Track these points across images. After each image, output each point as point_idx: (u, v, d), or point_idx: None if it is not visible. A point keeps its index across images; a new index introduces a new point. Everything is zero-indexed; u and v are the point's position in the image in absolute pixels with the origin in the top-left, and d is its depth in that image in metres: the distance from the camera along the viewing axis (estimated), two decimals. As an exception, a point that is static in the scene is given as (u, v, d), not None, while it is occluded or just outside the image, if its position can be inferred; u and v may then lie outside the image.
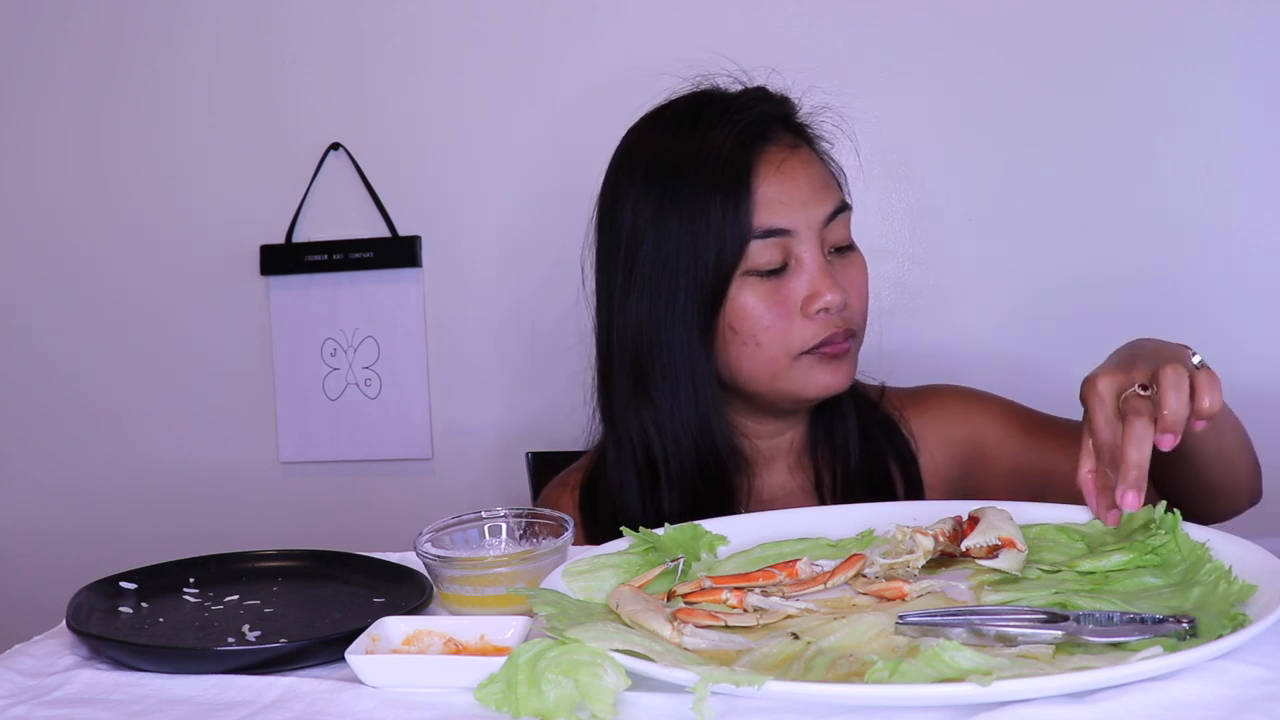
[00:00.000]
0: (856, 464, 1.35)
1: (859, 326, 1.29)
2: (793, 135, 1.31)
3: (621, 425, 1.30)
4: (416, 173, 1.86)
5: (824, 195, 1.27)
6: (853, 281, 1.28)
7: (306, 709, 0.74)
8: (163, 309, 1.96)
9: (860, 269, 1.30)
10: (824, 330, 1.25)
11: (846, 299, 1.26)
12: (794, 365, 1.26)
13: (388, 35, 1.86)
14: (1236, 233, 1.64)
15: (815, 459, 1.36)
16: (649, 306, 1.27)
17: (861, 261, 1.31)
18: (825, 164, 1.32)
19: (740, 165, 1.24)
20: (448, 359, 1.88)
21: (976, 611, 0.76)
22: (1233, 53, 1.63)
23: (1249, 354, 1.64)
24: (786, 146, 1.28)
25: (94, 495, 1.99)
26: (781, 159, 1.26)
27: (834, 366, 1.27)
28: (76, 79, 1.96)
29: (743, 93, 1.33)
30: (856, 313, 1.29)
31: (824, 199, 1.27)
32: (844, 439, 1.36)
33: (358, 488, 1.92)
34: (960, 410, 1.41)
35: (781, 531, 0.98)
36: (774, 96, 1.34)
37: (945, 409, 1.41)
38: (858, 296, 1.29)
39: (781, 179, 1.25)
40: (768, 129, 1.28)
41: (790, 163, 1.26)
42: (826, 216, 1.26)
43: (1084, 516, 0.94)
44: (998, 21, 1.68)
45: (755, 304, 1.25)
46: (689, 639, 0.76)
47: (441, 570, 0.90)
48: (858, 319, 1.29)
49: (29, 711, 0.76)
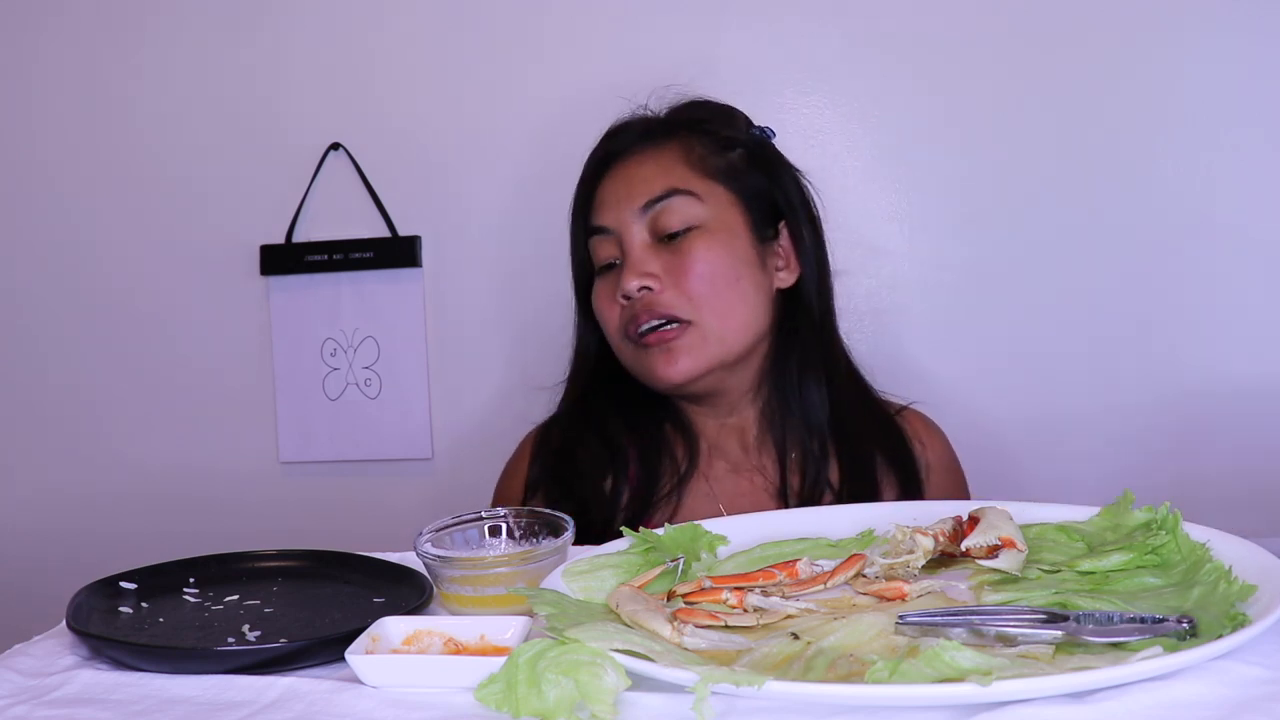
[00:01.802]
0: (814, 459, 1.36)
1: (688, 313, 1.31)
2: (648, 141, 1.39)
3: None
4: (416, 173, 1.86)
5: (642, 187, 1.35)
6: (676, 266, 1.31)
7: (306, 709, 0.74)
8: (162, 309, 1.95)
9: (689, 253, 1.32)
10: (629, 315, 1.33)
11: (658, 284, 1.31)
12: (634, 354, 1.35)
13: (388, 35, 1.86)
14: (1237, 233, 1.64)
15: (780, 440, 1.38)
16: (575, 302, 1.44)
17: (695, 244, 1.32)
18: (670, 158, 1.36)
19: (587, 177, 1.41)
20: (448, 359, 1.87)
21: (976, 611, 0.76)
22: (1233, 52, 1.63)
23: (1249, 354, 1.64)
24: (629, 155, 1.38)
25: (93, 495, 1.99)
26: (619, 166, 1.38)
27: (660, 355, 1.31)
28: (75, 79, 1.96)
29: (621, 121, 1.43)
30: (680, 297, 1.31)
31: (640, 191, 1.34)
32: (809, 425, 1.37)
33: (358, 488, 1.92)
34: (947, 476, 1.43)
35: (781, 531, 0.98)
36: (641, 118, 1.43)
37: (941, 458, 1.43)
38: (681, 280, 1.31)
39: (609, 182, 1.38)
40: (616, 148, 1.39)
41: (622, 168, 1.38)
42: (641, 206, 1.33)
43: (1084, 516, 0.94)
44: (998, 21, 1.68)
45: (596, 298, 1.39)
46: (689, 639, 0.76)
47: (441, 570, 0.90)
48: (682, 304, 1.31)
49: (29, 711, 0.76)
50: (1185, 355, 1.66)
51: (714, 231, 1.33)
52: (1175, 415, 1.66)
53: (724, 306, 1.32)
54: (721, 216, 1.35)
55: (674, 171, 1.35)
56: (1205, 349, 1.66)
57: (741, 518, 1.03)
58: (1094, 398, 1.68)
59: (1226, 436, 1.64)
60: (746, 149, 1.40)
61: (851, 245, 1.70)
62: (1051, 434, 1.69)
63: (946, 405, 1.58)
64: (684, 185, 1.34)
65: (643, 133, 1.40)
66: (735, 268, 1.34)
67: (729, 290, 1.33)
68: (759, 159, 1.41)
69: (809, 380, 1.37)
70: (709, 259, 1.32)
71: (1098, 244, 1.67)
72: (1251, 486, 1.60)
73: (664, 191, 1.33)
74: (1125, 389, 1.67)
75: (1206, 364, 1.65)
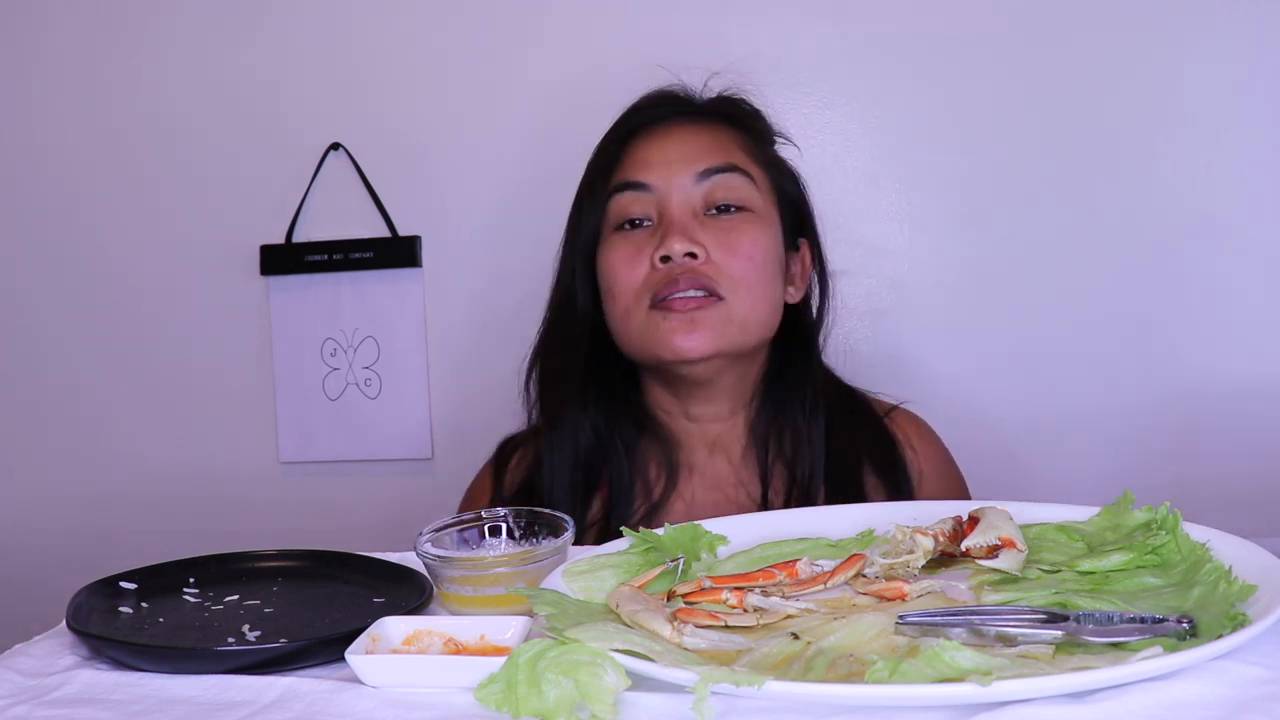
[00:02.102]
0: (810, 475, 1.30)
1: (724, 289, 1.26)
2: (695, 115, 1.34)
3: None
4: (416, 173, 1.86)
5: (701, 155, 1.30)
6: (724, 241, 1.27)
7: (306, 709, 0.74)
8: (163, 309, 1.95)
9: (740, 231, 1.28)
10: (665, 279, 1.26)
11: (704, 253, 1.26)
12: (648, 320, 1.27)
13: (388, 35, 1.86)
14: (1237, 233, 1.64)
15: (764, 457, 1.33)
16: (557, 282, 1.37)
17: (747, 226, 1.29)
18: (726, 137, 1.33)
19: (619, 138, 1.34)
20: (448, 359, 1.87)
21: (976, 611, 0.76)
22: (1233, 53, 1.62)
23: (1249, 354, 1.64)
24: (677, 122, 1.33)
25: (93, 495, 1.99)
26: (663, 130, 1.32)
27: (681, 325, 1.25)
28: (75, 79, 1.96)
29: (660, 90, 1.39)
30: (721, 272, 1.26)
31: (699, 158, 1.30)
32: (797, 442, 1.31)
33: (358, 488, 1.92)
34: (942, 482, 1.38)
35: (781, 531, 0.98)
36: (676, 89, 1.39)
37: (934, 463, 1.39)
38: (726, 256, 1.27)
39: (651, 141, 1.32)
40: (660, 111, 1.34)
41: (668, 130, 1.32)
42: (699, 172, 1.29)
43: (1084, 516, 0.94)
44: (998, 21, 1.68)
45: (611, 254, 1.31)
46: (689, 639, 0.76)
47: (441, 570, 0.90)
48: (722, 279, 1.26)
49: (29, 711, 0.76)
50: (1185, 355, 1.66)
51: (763, 220, 1.31)
52: (1175, 415, 1.66)
53: (757, 294, 1.29)
54: (768, 211, 1.33)
55: (734, 149, 1.32)
56: (1205, 349, 1.66)
57: (741, 518, 1.02)
58: (1094, 397, 1.68)
59: (1226, 436, 1.64)
60: (778, 157, 1.40)
61: (851, 245, 1.70)
62: (1051, 434, 1.69)
63: (946, 405, 1.58)
64: (745, 166, 1.31)
65: (690, 106, 1.37)
66: (771, 263, 1.31)
67: (765, 281, 1.30)
68: (789, 171, 1.41)
69: (801, 398, 1.33)
70: (755, 245, 1.29)
71: (1098, 244, 1.67)
72: (1251, 486, 1.60)
73: (726, 164, 1.30)
74: (1125, 389, 1.67)
75: (1206, 364, 1.65)
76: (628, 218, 1.30)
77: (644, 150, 1.32)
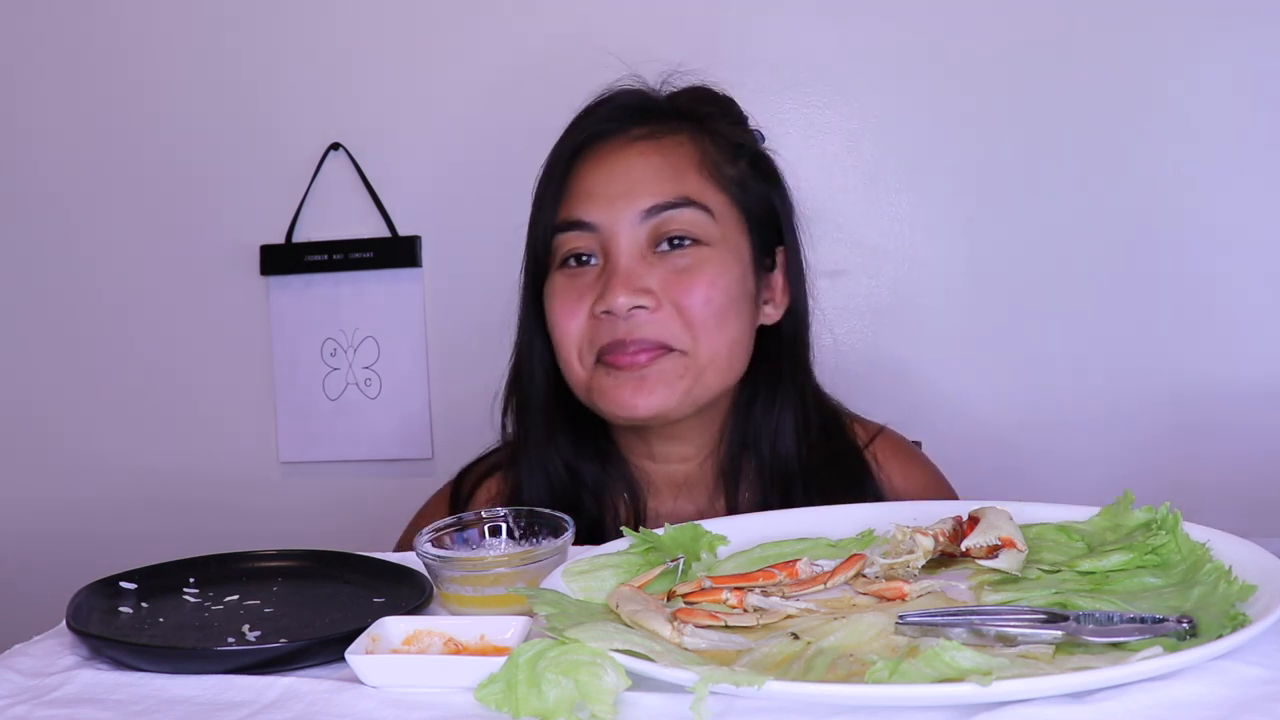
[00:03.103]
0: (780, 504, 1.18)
1: (678, 341, 1.13)
2: (650, 126, 1.19)
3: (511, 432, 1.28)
4: (416, 173, 1.86)
5: (648, 186, 1.15)
6: (677, 284, 1.13)
7: (306, 709, 0.74)
8: (163, 309, 1.96)
9: (695, 271, 1.14)
10: (609, 336, 1.13)
11: (653, 301, 1.12)
12: (593, 375, 1.15)
13: (387, 35, 1.86)
14: (1237, 233, 1.64)
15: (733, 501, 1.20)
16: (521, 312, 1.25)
17: (703, 264, 1.14)
18: (682, 155, 1.17)
19: (566, 155, 1.20)
20: (448, 359, 1.87)
21: (976, 611, 0.76)
22: (1234, 54, 1.63)
23: (1249, 354, 1.64)
24: (629, 139, 1.18)
25: (93, 495, 1.99)
26: (610, 152, 1.18)
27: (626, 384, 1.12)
28: (75, 79, 1.96)
29: (613, 92, 1.25)
30: (674, 320, 1.13)
31: (647, 192, 1.14)
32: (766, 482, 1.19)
33: (358, 488, 1.92)
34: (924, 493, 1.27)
35: (781, 531, 0.98)
36: (637, 91, 1.24)
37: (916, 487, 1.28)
38: (680, 300, 1.13)
39: (598, 167, 1.18)
40: (610, 125, 1.20)
41: (619, 155, 1.18)
42: (645, 210, 1.14)
43: (1084, 516, 0.94)
44: (999, 22, 1.68)
45: (552, 298, 1.18)
46: (689, 639, 0.76)
47: (441, 570, 0.90)
48: (674, 330, 1.13)
49: (29, 711, 0.76)
50: (1185, 355, 1.66)
51: (723, 254, 1.16)
52: (1175, 415, 1.66)
53: (717, 340, 1.14)
54: (730, 240, 1.18)
55: (687, 176, 1.17)
56: (1205, 349, 1.66)
57: (741, 518, 1.02)
58: (1094, 397, 1.68)
59: (1226, 436, 1.64)
60: (751, 155, 1.23)
61: (851, 245, 1.71)
62: (1051, 433, 1.69)
63: (946, 405, 1.58)
64: (698, 196, 1.16)
65: (642, 111, 1.21)
66: (737, 300, 1.17)
67: (728, 324, 1.15)
68: (762, 168, 1.24)
69: (785, 426, 1.21)
70: (715, 285, 1.14)
71: (1098, 244, 1.67)
72: (1251, 486, 1.60)
73: (675, 199, 1.15)
74: (1126, 389, 1.67)
75: (1206, 364, 1.65)
76: (572, 253, 1.18)
77: (589, 179, 1.18)
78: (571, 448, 1.22)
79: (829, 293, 1.66)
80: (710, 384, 1.17)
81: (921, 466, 1.32)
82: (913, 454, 1.33)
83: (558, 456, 1.22)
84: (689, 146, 1.19)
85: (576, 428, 1.23)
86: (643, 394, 1.12)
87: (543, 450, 1.22)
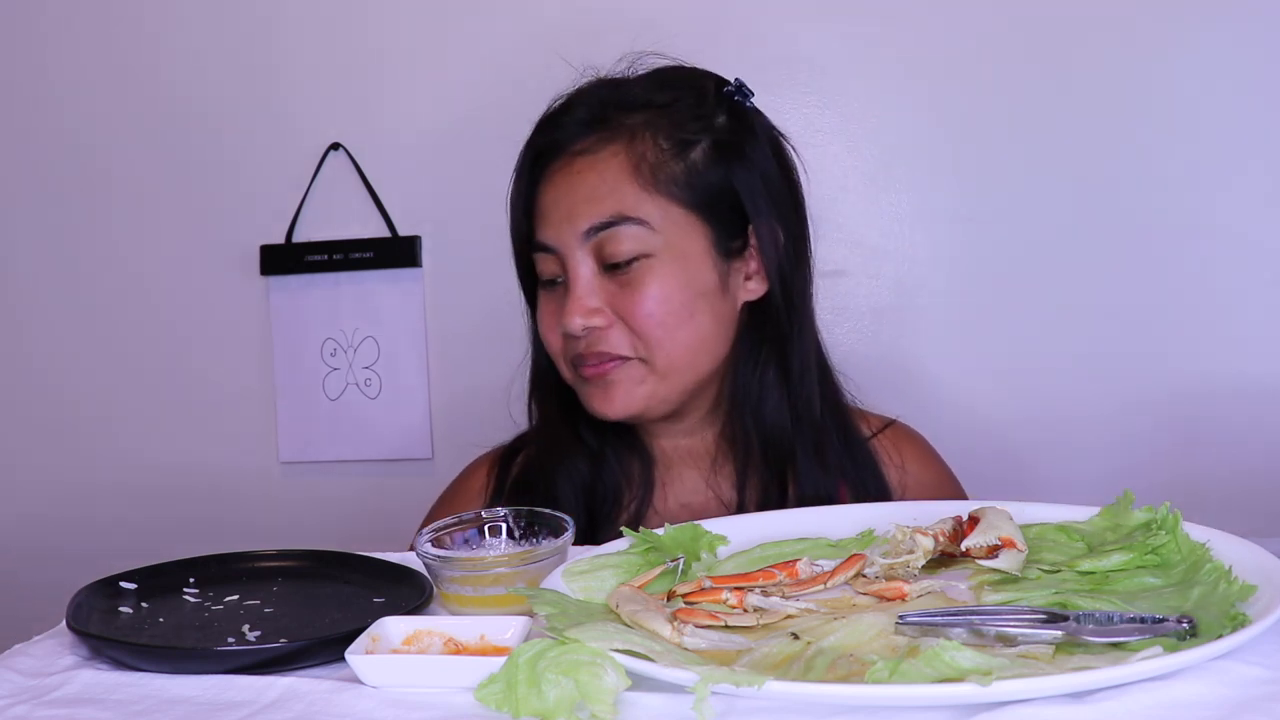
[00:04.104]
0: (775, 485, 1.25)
1: (634, 349, 1.21)
2: (591, 138, 1.23)
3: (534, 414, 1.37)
4: (416, 173, 1.86)
5: (585, 208, 1.20)
6: (626, 301, 1.20)
7: (306, 709, 0.74)
8: (162, 309, 1.95)
9: (640, 284, 1.19)
10: (573, 350, 1.23)
11: (606, 318, 1.20)
12: (575, 381, 1.26)
13: (387, 35, 1.86)
14: (1237, 233, 1.64)
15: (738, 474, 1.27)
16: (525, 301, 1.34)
17: (648, 275, 1.20)
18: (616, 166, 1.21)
19: (526, 174, 1.28)
20: (448, 359, 1.87)
21: (976, 611, 0.76)
22: (1234, 53, 1.62)
23: (1250, 354, 1.64)
24: (570, 155, 1.23)
25: (93, 495, 1.98)
26: (555, 172, 1.24)
27: (598, 391, 1.22)
28: (75, 79, 1.96)
29: (564, 98, 1.29)
30: (628, 333, 1.20)
31: (584, 214, 1.20)
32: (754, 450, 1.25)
33: (358, 488, 1.92)
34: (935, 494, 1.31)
35: (781, 531, 0.98)
36: (585, 96, 1.27)
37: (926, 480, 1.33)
38: (630, 314, 1.20)
39: (548, 192, 1.24)
40: (555, 141, 1.25)
41: (561, 175, 1.23)
42: (584, 231, 1.20)
43: (1084, 516, 0.94)
44: (999, 22, 1.68)
45: (541, 315, 1.29)
46: (689, 639, 0.76)
47: (441, 570, 0.90)
48: (629, 341, 1.20)
49: (29, 711, 0.76)
50: (1185, 355, 1.66)
51: (666, 261, 1.20)
52: (1175, 415, 1.66)
53: (675, 340, 1.21)
54: (676, 243, 1.21)
55: (620, 191, 1.20)
56: (1205, 349, 1.66)
57: (741, 517, 1.03)
58: (1094, 397, 1.68)
59: (1226, 436, 1.64)
60: (713, 136, 1.23)
61: (851, 245, 1.71)
62: (1051, 433, 1.69)
63: (946, 404, 1.58)
64: (632, 211, 1.19)
65: (586, 121, 1.24)
66: (690, 301, 1.21)
67: (682, 327, 1.21)
68: (727, 147, 1.24)
69: (770, 397, 1.25)
70: (660, 295, 1.19)
71: (1098, 243, 1.67)
72: (1251, 486, 1.60)
73: (610, 218, 1.19)
74: (1126, 388, 1.67)
75: (1206, 364, 1.65)
76: (547, 277, 1.26)
77: (542, 197, 1.25)
78: (595, 432, 1.30)
79: (829, 293, 1.67)
80: (678, 383, 1.24)
81: (933, 460, 1.36)
82: (926, 446, 1.37)
83: (581, 440, 1.30)
84: (625, 155, 1.21)
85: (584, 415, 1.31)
86: (610, 400, 1.22)
87: (565, 433, 1.30)
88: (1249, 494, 1.59)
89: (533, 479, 1.32)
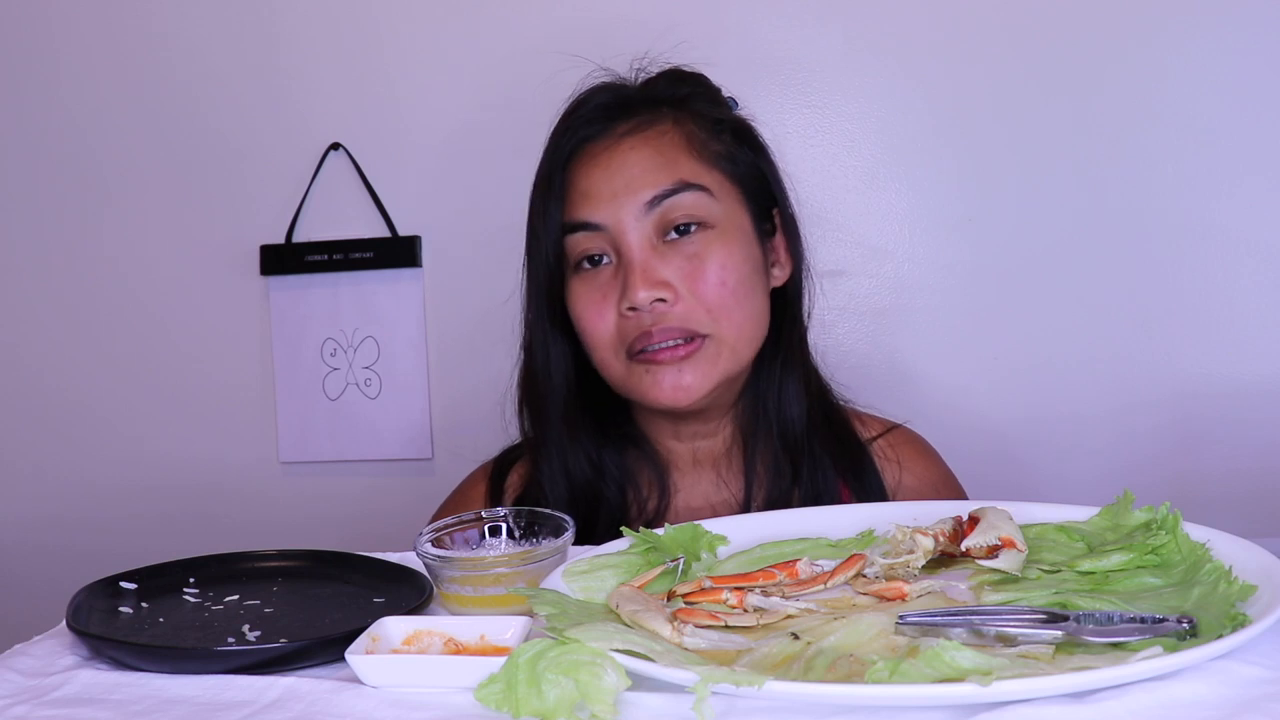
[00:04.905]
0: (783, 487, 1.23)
1: (704, 325, 1.17)
2: (634, 121, 1.22)
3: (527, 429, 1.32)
4: (416, 173, 1.86)
5: (646, 178, 1.18)
6: (692, 273, 1.17)
7: (306, 709, 0.74)
8: (163, 309, 1.96)
9: (706, 256, 1.17)
10: (636, 330, 1.17)
11: (673, 294, 1.16)
12: (630, 371, 1.19)
13: (388, 35, 1.86)
14: (1237, 233, 1.64)
15: (747, 471, 1.26)
16: (526, 319, 1.29)
17: (712, 247, 1.17)
18: (670, 141, 1.20)
19: (558, 160, 1.23)
20: (448, 359, 1.87)
21: (976, 611, 0.76)
22: (1233, 53, 1.62)
23: (1250, 354, 1.64)
24: (616, 137, 1.21)
25: (93, 495, 1.99)
26: (601, 152, 1.21)
27: (664, 375, 1.16)
28: (76, 79, 1.96)
29: (588, 91, 1.28)
30: (697, 308, 1.17)
31: (645, 184, 1.18)
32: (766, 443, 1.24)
33: (358, 488, 1.92)
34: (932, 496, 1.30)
35: (781, 531, 0.98)
36: (612, 87, 1.27)
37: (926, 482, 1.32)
38: (698, 288, 1.17)
39: (593, 168, 1.21)
40: (595, 127, 1.23)
41: (610, 153, 1.21)
42: (647, 202, 1.17)
43: (1084, 516, 0.94)
44: (998, 22, 1.68)
45: (577, 302, 1.22)
46: (689, 639, 0.76)
47: (441, 570, 0.90)
48: (699, 317, 1.17)
49: (29, 711, 0.76)
50: (1185, 355, 1.66)
51: (727, 232, 1.19)
52: (1175, 415, 1.66)
53: (740, 316, 1.19)
54: (731, 214, 1.21)
55: (678, 161, 1.19)
56: (1205, 349, 1.66)
57: (741, 517, 1.03)
58: (1094, 397, 1.68)
59: (1226, 436, 1.64)
60: (732, 126, 1.26)
61: (851, 245, 1.71)
62: (1051, 433, 1.69)
63: (946, 405, 1.58)
64: (694, 178, 1.18)
65: (621, 106, 1.23)
66: (749, 276, 1.20)
67: (746, 298, 1.19)
68: (747, 133, 1.27)
69: (789, 387, 1.25)
70: (728, 264, 1.17)
71: (1098, 244, 1.67)
72: (1251, 486, 1.60)
73: (673, 186, 1.18)
74: (1125, 388, 1.67)
75: (1206, 364, 1.65)
76: (585, 255, 1.21)
77: (586, 179, 1.21)
78: (595, 439, 1.27)
79: (829, 293, 1.67)
80: (741, 357, 1.21)
81: (935, 463, 1.36)
82: (929, 449, 1.37)
83: (580, 450, 1.26)
84: (674, 132, 1.22)
85: (599, 419, 1.28)
86: (684, 385, 1.17)
87: (563, 446, 1.26)
88: (1249, 494, 1.59)
89: (535, 496, 1.28)
